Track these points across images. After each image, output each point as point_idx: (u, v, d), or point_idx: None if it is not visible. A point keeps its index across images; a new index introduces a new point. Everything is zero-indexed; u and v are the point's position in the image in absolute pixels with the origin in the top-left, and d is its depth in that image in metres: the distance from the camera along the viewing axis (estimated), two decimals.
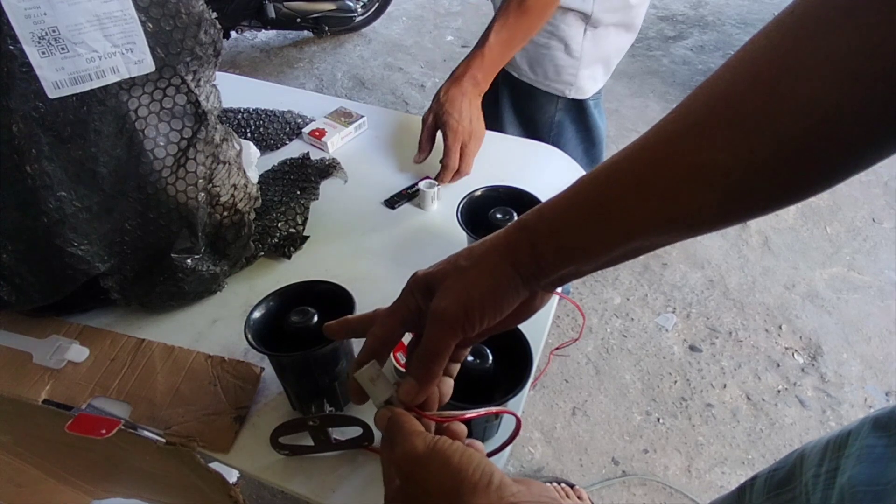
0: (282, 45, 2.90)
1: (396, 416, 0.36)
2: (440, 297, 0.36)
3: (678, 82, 2.62)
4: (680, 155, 0.30)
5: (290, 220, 0.75)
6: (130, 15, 0.51)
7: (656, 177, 0.31)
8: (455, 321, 0.36)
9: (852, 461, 0.40)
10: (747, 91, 0.28)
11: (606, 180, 0.34)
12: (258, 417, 0.56)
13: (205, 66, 0.58)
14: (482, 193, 0.66)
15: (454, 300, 0.36)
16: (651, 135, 0.32)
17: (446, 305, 0.36)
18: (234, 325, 0.65)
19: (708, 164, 0.29)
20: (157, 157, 0.57)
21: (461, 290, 0.36)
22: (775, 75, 0.27)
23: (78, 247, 0.56)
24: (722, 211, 0.30)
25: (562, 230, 0.35)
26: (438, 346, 0.36)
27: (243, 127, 0.93)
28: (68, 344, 0.61)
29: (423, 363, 0.37)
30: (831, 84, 0.25)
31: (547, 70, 1.06)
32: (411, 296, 0.39)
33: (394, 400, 0.38)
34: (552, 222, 0.35)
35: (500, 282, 0.36)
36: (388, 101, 2.52)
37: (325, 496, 0.51)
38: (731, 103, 0.28)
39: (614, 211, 0.33)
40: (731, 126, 0.28)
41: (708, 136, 0.29)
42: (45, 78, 0.49)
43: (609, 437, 1.36)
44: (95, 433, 0.54)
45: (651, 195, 0.31)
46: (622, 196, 0.32)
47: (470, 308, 0.35)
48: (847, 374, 1.49)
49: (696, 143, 0.29)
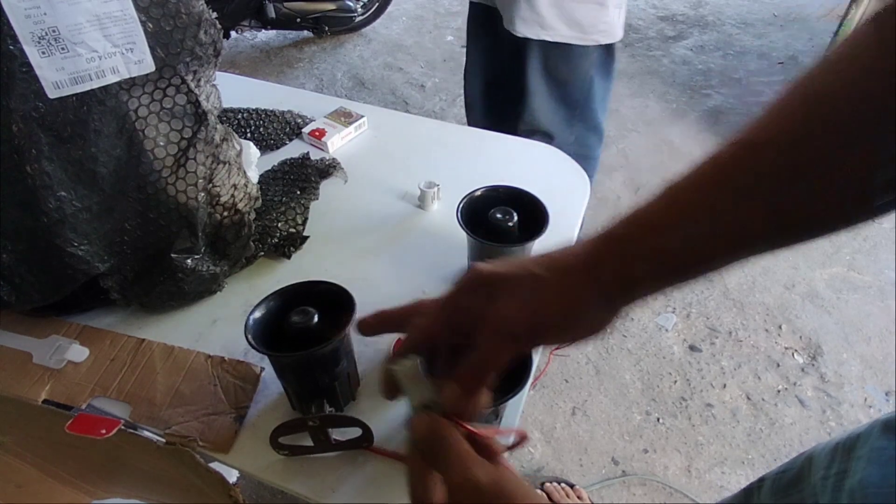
0: (282, 45, 2.90)
1: (444, 430, 0.32)
2: (506, 304, 0.32)
3: (678, 82, 2.62)
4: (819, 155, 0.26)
5: (290, 220, 0.75)
6: (130, 15, 0.51)
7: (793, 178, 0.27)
8: (518, 336, 0.32)
9: (863, 463, 0.39)
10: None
11: (714, 180, 0.30)
12: (258, 417, 0.56)
13: (205, 66, 0.58)
14: (482, 193, 0.66)
15: (522, 313, 0.32)
16: (761, 132, 0.29)
17: (512, 317, 0.32)
18: (234, 325, 0.65)
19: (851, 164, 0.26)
20: (157, 157, 0.57)
21: (532, 304, 0.32)
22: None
23: (78, 247, 0.56)
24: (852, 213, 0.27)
25: (658, 234, 0.31)
26: (494, 358, 0.33)
27: (243, 127, 0.93)
28: (68, 344, 0.61)
29: (473, 372, 0.33)
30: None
31: (582, 23, 1.09)
32: (469, 293, 0.35)
33: (432, 404, 0.34)
34: (644, 227, 0.31)
35: (579, 301, 0.32)
36: (388, 101, 2.52)
37: (325, 496, 0.51)
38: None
39: (728, 211, 0.29)
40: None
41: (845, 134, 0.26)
42: (45, 78, 0.49)
43: (609, 437, 1.36)
44: (95, 433, 0.54)
45: (773, 196, 0.28)
46: (738, 195, 0.29)
47: (538, 326, 0.32)
48: (847, 374, 1.49)
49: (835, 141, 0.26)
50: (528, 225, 0.62)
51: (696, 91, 2.56)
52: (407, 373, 0.35)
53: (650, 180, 2.08)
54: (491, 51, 1.28)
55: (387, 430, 0.55)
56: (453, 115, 2.41)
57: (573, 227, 0.78)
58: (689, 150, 2.23)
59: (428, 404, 0.35)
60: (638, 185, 2.07)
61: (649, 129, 2.32)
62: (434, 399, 0.34)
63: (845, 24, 1.72)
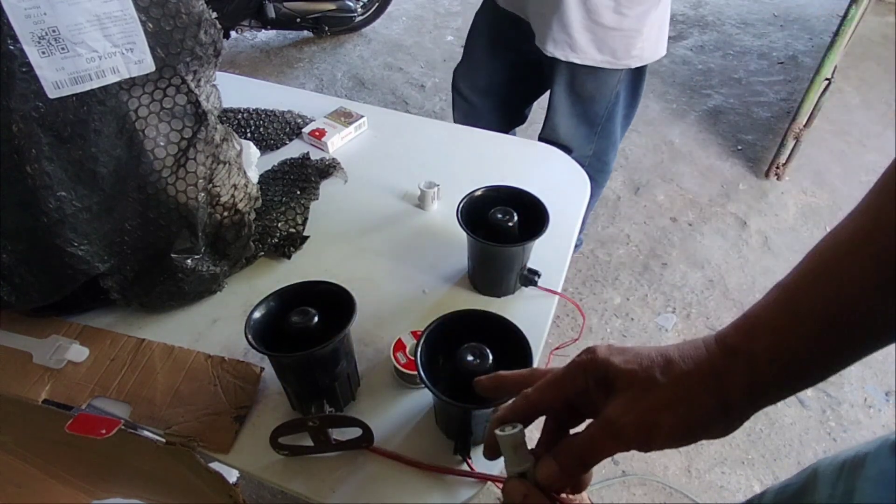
0: (282, 45, 2.90)
1: (536, 497, 0.34)
2: (623, 409, 0.33)
3: (678, 82, 2.62)
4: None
5: (290, 220, 0.75)
6: (130, 15, 0.51)
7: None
8: (634, 442, 0.33)
9: (870, 485, 0.39)
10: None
11: (838, 285, 0.29)
12: (258, 417, 0.56)
13: (205, 66, 0.58)
14: (482, 193, 0.66)
15: (641, 420, 0.32)
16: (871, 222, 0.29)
17: (628, 424, 0.32)
18: (234, 325, 0.65)
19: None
20: (157, 157, 0.57)
21: (652, 413, 0.32)
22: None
23: (78, 247, 0.56)
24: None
25: (788, 356, 0.30)
26: (602, 454, 0.34)
27: (243, 127, 0.93)
28: (68, 344, 0.61)
29: (577, 459, 0.34)
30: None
31: (616, 49, 1.07)
32: (583, 375, 0.36)
33: (528, 474, 0.36)
34: (773, 348, 0.30)
35: (698, 414, 0.32)
36: (388, 101, 2.52)
37: (325, 496, 0.51)
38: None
39: (856, 319, 0.28)
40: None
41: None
42: (45, 78, 0.49)
43: None
44: (95, 433, 0.54)
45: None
46: (866, 298, 0.28)
47: (653, 436, 0.32)
48: (847, 373, 1.49)
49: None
50: (528, 225, 0.62)
51: (696, 91, 2.56)
52: (511, 441, 0.37)
53: (650, 180, 2.08)
54: (512, 63, 1.26)
55: (387, 430, 0.55)
56: None
57: (573, 227, 0.78)
58: (689, 150, 2.23)
59: (524, 473, 0.36)
60: (638, 185, 2.07)
61: (649, 129, 2.32)
62: (530, 470, 0.36)
63: (845, 23, 1.72)
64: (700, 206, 1.98)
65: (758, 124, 2.36)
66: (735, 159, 2.18)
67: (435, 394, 0.47)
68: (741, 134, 2.31)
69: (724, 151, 2.22)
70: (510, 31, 1.18)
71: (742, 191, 2.04)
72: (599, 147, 1.27)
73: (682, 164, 2.16)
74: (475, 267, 0.69)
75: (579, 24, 1.04)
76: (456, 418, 0.52)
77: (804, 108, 1.90)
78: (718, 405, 0.32)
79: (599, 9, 1.02)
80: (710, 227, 1.90)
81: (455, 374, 0.48)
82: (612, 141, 1.28)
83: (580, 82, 1.14)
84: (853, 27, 1.73)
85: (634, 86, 1.20)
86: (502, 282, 0.67)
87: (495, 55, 1.28)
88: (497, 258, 0.65)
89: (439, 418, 0.55)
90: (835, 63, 1.81)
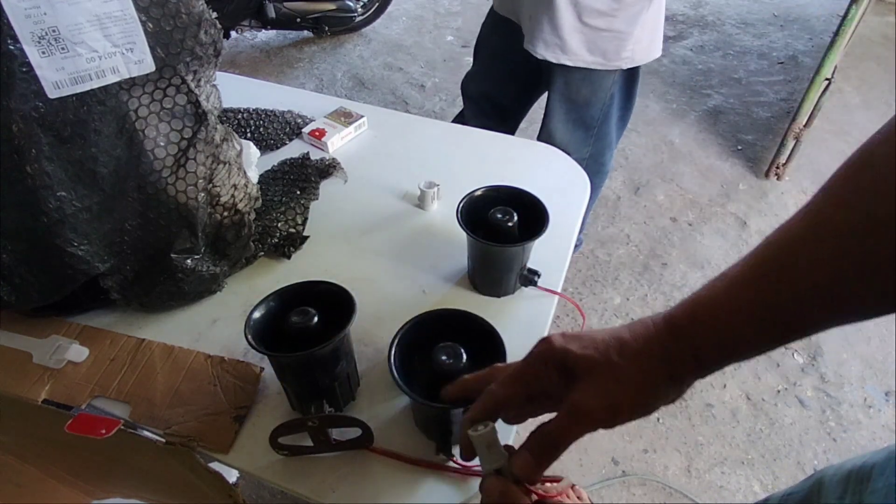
0: (282, 45, 2.90)
1: (513, 495, 0.36)
2: (587, 394, 0.35)
3: (678, 82, 2.62)
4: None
5: (290, 220, 0.75)
6: (130, 15, 0.51)
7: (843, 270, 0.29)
8: (598, 423, 0.35)
9: (878, 497, 0.39)
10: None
11: (776, 279, 0.32)
12: (258, 417, 0.56)
13: (205, 66, 0.58)
14: (482, 193, 0.66)
15: (603, 404, 0.35)
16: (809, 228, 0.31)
17: (594, 407, 0.35)
18: (234, 325, 0.65)
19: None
20: (157, 157, 0.57)
21: (612, 394, 0.35)
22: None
23: (78, 247, 0.56)
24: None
25: (729, 338, 0.33)
26: (571, 438, 0.36)
27: (243, 127, 0.93)
28: (68, 344, 0.61)
29: (547, 447, 0.36)
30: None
31: (606, 50, 1.07)
32: (542, 365, 0.38)
33: (504, 470, 0.37)
34: (713, 330, 0.34)
35: (656, 389, 0.35)
36: (388, 101, 2.52)
37: (325, 496, 0.51)
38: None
39: (790, 309, 0.31)
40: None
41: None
42: (45, 78, 0.49)
43: (609, 436, 1.36)
44: (95, 433, 0.54)
45: (836, 288, 0.30)
46: (797, 292, 0.31)
47: (618, 414, 0.35)
48: (847, 374, 1.49)
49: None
50: (528, 225, 0.62)
51: (696, 91, 2.56)
52: (484, 439, 0.38)
53: (650, 180, 2.08)
54: (514, 68, 1.27)
55: (387, 430, 0.55)
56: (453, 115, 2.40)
57: (573, 227, 0.78)
58: (689, 150, 2.23)
59: (500, 469, 0.37)
60: (638, 185, 2.07)
61: (649, 129, 2.32)
62: (506, 465, 0.37)
63: (845, 23, 1.72)
64: (700, 206, 1.98)
65: (758, 124, 2.36)
66: (735, 159, 2.18)
67: (411, 396, 0.47)
68: (741, 134, 2.31)
69: (724, 151, 2.22)
70: (509, 36, 1.18)
71: (742, 191, 2.04)
72: (596, 149, 1.27)
73: (682, 164, 2.16)
74: (475, 267, 0.69)
75: (570, 26, 1.04)
76: (435, 419, 0.52)
77: (804, 108, 1.90)
78: (669, 378, 0.35)
79: (590, 10, 1.02)
80: (710, 227, 1.90)
81: (431, 375, 0.48)
82: (608, 143, 1.28)
83: (575, 88, 1.14)
84: (853, 27, 1.73)
85: (628, 88, 1.20)
86: (502, 282, 0.67)
87: (499, 61, 1.29)
88: (497, 258, 0.65)
89: (418, 420, 0.55)
90: (835, 63, 1.81)
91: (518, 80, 1.29)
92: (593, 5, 1.02)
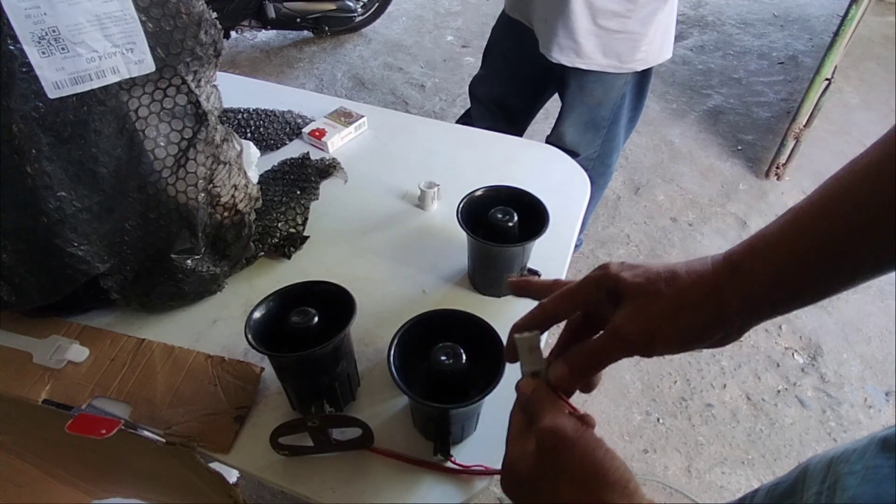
0: (282, 45, 2.90)
1: (544, 391, 0.37)
2: (629, 317, 0.35)
3: (678, 82, 2.62)
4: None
5: (290, 220, 0.75)
6: (130, 15, 0.51)
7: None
8: (636, 348, 0.35)
9: (856, 479, 0.39)
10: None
11: (839, 210, 0.30)
12: (258, 417, 0.56)
13: (205, 66, 0.58)
14: (482, 193, 0.66)
15: (643, 328, 0.35)
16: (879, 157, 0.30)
17: (633, 331, 0.35)
18: (234, 325, 0.65)
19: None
20: (157, 158, 0.57)
21: (653, 321, 0.34)
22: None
23: (78, 247, 0.56)
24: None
25: (787, 276, 0.32)
26: (608, 358, 0.36)
27: (243, 127, 0.93)
28: (68, 344, 0.61)
29: (585, 362, 0.37)
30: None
31: (620, 53, 1.07)
32: (595, 288, 0.38)
33: (541, 374, 0.39)
34: (773, 267, 0.32)
35: (698, 323, 0.34)
36: (388, 101, 2.52)
37: (325, 496, 0.51)
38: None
39: (851, 246, 0.30)
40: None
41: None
42: (45, 78, 0.49)
43: (609, 437, 1.36)
44: (95, 433, 0.54)
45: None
46: (863, 227, 0.29)
47: (657, 341, 0.34)
48: (847, 374, 1.49)
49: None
50: (528, 225, 0.62)
51: (696, 91, 2.56)
52: (527, 343, 0.39)
53: (650, 180, 2.09)
54: (524, 71, 1.27)
55: (387, 430, 0.55)
56: (453, 115, 2.41)
57: (573, 227, 0.78)
58: (689, 150, 2.23)
59: (537, 372, 0.39)
60: (638, 185, 2.07)
61: (649, 129, 2.32)
62: (543, 370, 0.39)
63: (845, 23, 1.72)
64: (700, 206, 1.98)
65: (758, 124, 2.36)
66: (735, 159, 2.18)
67: (411, 396, 0.47)
68: (741, 134, 2.31)
69: (724, 151, 2.23)
70: (521, 39, 1.18)
71: (742, 191, 2.04)
72: (603, 150, 1.28)
73: (682, 164, 2.16)
74: (475, 267, 0.69)
75: (584, 29, 1.04)
76: (433, 419, 0.52)
77: (804, 108, 1.90)
78: (715, 315, 0.34)
79: (604, 12, 1.02)
80: (711, 227, 1.90)
81: (430, 375, 0.48)
82: (616, 144, 1.29)
83: (589, 90, 1.15)
84: (853, 27, 1.73)
85: (639, 89, 1.20)
86: (502, 282, 0.67)
87: (510, 64, 1.29)
88: (497, 258, 0.65)
89: (416, 420, 0.55)
90: (835, 63, 1.81)
91: (529, 82, 1.29)
92: (608, 6, 1.02)
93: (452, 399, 0.46)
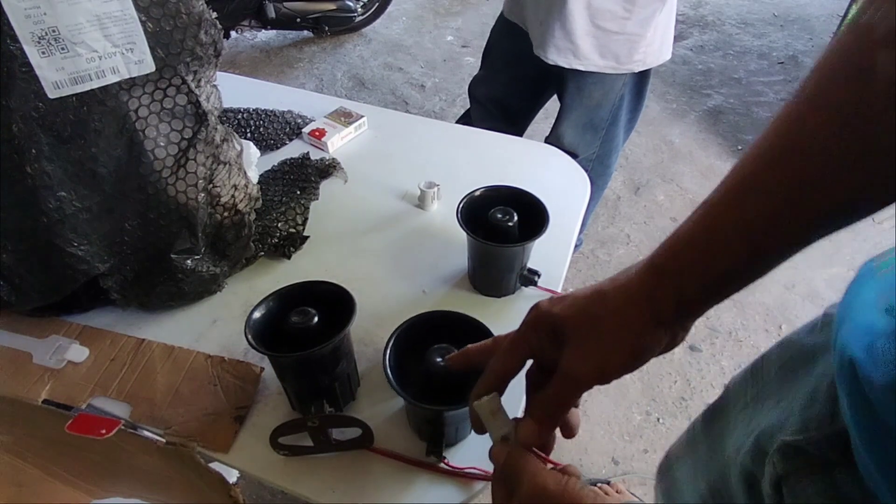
0: (282, 45, 2.90)
1: (518, 455, 0.36)
2: (575, 357, 0.35)
3: (678, 82, 2.62)
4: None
5: (290, 220, 0.75)
6: (130, 15, 0.51)
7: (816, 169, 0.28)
8: (592, 382, 0.35)
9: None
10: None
11: (754, 195, 0.30)
12: (258, 417, 0.56)
13: (205, 66, 0.58)
14: (482, 193, 0.66)
15: (592, 365, 0.34)
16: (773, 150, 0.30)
17: (583, 370, 0.35)
18: (234, 325, 0.65)
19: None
20: (157, 158, 0.57)
21: (599, 354, 0.34)
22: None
23: (78, 247, 0.56)
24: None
25: (710, 267, 0.32)
26: (567, 402, 0.36)
27: (243, 127, 0.93)
28: (68, 344, 0.61)
29: (548, 411, 0.37)
30: None
31: (618, 54, 1.07)
32: (533, 332, 0.38)
33: (511, 437, 0.38)
34: (696, 263, 0.32)
35: (642, 340, 0.34)
36: (388, 101, 2.52)
37: (325, 496, 0.51)
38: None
39: (766, 230, 0.30)
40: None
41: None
42: (45, 78, 0.49)
43: (609, 437, 1.36)
44: (95, 433, 0.54)
45: (815, 190, 0.28)
46: (772, 211, 0.29)
47: (608, 372, 0.34)
48: None
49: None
50: (528, 225, 0.62)
51: (696, 91, 2.56)
52: (487, 408, 0.39)
53: (650, 180, 2.08)
54: (523, 73, 1.27)
55: (387, 430, 0.55)
56: (453, 115, 2.41)
57: (573, 227, 0.78)
58: (689, 150, 2.23)
59: (507, 436, 0.38)
60: (638, 185, 2.07)
61: (649, 129, 2.32)
62: (512, 433, 0.38)
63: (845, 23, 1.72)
64: None
65: (758, 124, 2.36)
66: (735, 159, 2.16)
67: (404, 397, 0.47)
68: (741, 134, 2.31)
69: (724, 151, 2.22)
70: (520, 41, 1.18)
71: None
72: (603, 151, 1.27)
73: (682, 164, 2.16)
74: (475, 267, 0.69)
75: (582, 30, 1.04)
76: (428, 421, 0.52)
77: None
78: (655, 324, 0.34)
79: (604, 13, 1.02)
80: None
81: (426, 377, 0.48)
82: (615, 145, 1.29)
83: (587, 92, 1.15)
84: None
85: (638, 90, 1.20)
86: (502, 282, 0.67)
87: (509, 65, 1.29)
88: (497, 258, 0.65)
89: (411, 421, 0.55)
90: None
91: (528, 84, 1.29)
92: (607, 7, 1.01)
93: (448, 401, 0.46)
